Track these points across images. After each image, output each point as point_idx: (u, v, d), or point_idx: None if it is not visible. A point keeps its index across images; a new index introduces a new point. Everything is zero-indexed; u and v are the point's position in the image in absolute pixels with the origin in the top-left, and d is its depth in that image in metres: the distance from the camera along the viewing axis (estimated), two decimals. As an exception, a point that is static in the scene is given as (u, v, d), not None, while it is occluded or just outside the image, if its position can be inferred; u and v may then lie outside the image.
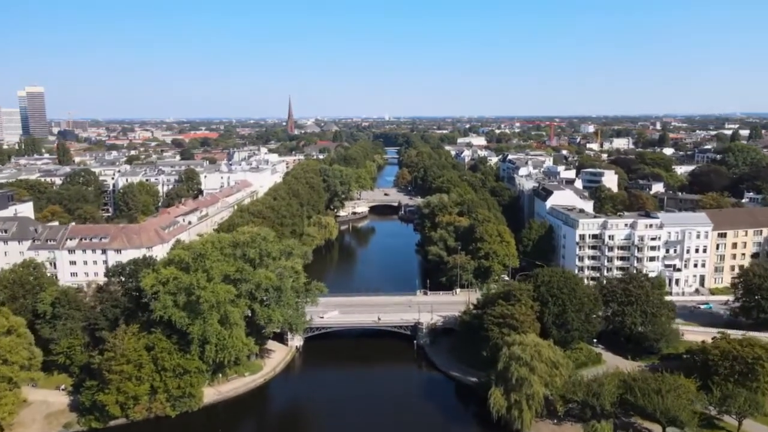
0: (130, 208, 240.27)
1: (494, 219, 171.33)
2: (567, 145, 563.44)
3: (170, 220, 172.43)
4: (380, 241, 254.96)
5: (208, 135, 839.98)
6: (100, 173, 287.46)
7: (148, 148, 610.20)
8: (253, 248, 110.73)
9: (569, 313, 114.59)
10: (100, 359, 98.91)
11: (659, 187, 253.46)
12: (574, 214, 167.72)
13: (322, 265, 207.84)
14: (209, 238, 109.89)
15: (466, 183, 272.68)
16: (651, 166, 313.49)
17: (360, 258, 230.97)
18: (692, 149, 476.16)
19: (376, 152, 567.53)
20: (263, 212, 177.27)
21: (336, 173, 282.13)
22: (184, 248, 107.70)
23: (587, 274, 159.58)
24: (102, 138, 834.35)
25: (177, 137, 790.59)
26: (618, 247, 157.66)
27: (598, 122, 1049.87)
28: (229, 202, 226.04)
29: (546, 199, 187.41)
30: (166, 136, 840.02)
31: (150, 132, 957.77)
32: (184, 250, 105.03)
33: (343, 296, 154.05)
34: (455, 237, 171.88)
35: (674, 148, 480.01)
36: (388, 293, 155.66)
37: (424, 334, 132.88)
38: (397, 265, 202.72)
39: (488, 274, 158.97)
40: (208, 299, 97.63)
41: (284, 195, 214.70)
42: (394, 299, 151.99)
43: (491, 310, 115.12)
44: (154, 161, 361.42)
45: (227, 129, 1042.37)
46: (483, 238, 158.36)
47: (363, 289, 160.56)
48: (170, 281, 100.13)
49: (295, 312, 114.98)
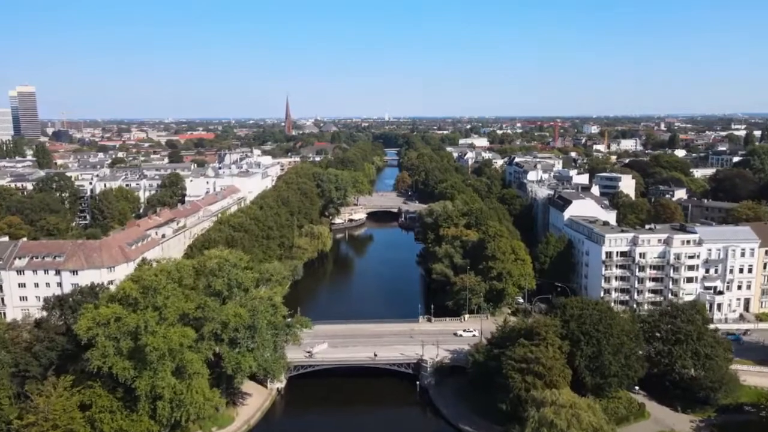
0: (105, 216, 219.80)
1: (506, 232, 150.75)
2: (572, 146, 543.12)
3: (139, 234, 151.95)
4: (378, 253, 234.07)
5: (204, 136, 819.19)
6: (77, 177, 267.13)
7: (140, 149, 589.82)
8: (220, 278, 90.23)
9: (606, 355, 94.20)
10: (18, 424, 78.31)
11: (681, 194, 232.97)
12: (599, 227, 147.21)
13: (313, 281, 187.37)
14: (164, 266, 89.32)
15: (471, 189, 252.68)
16: (668, 170, 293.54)
17: (356, 273, 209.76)
18: (705, 151, 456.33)
19: (375, 154, 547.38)
20: (245, 225, 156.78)
21: (331, 178, 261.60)
22: (134, 278, 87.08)
23: (614, 297, 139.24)
24: (96, 139, 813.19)
25: (172, 138, 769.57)
26: (650, 266, 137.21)
27: (600, 123, 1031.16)
28: (213, 210, 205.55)
29: (564, 209, 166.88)
30: (162, 137, 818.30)
31: (145, 132, 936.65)
32: (132, 283, 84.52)
33: (335, 323, 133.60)
34: (462, 253, 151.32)
35: (685, 150, 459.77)
36: (387, 320, 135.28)
37: (428, 374, 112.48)
38: (397, 282, 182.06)
39: (501, 297, 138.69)
40: (157, 347, 77.11)
41: (272, 203, 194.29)
42: (393, 327, 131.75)
43: (511, 350, 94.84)
44: (138, 164, 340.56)
45: (225, 130, 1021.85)
46: (495, 256, 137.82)
47: (358, 315, 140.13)
48: (111, 323, 79.69)
49: (272, 354, 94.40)
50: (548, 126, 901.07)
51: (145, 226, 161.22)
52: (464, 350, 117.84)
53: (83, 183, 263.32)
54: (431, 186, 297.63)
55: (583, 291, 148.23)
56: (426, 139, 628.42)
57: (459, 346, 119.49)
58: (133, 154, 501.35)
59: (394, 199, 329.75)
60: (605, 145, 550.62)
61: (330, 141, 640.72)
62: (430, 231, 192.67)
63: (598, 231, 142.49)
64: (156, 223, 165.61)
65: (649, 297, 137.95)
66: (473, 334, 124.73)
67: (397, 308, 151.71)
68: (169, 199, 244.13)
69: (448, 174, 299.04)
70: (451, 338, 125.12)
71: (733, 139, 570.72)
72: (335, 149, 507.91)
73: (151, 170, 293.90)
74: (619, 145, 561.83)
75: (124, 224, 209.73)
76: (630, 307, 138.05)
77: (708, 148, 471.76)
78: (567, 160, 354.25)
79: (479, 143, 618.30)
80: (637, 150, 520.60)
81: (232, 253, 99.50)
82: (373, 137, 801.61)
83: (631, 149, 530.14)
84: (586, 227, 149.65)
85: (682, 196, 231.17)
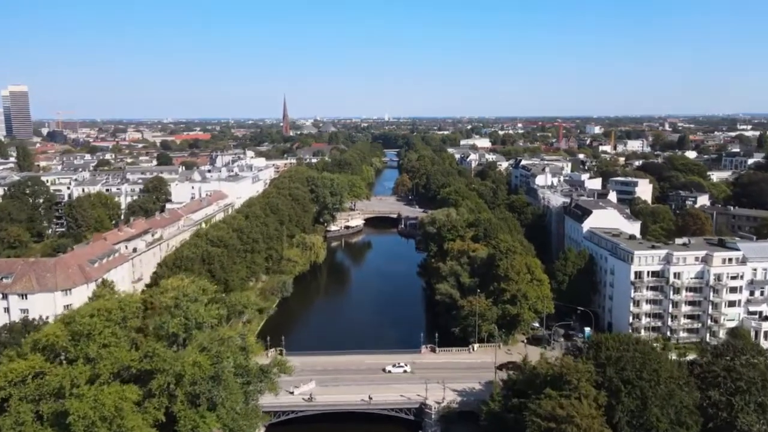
0: (79, 225, 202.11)
1: (520, 247, 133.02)
2: (577, 147, 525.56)
3: (105, 249, 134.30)
4: (376, 264, 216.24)
5: (201, 136, 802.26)
6: (54, 181, 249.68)
7: (132, 150, 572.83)
8: (176, 317, 72.75)
9: (652, 408, 76.70)
10: None
11: (704, 200, 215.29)
12: (625, 242, 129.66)
13: (303, 299, 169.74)
14: (101, 304, 71.85)
15: (476, 194, 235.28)
16: (684, 173, 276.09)
17: (351, 289, 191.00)
18: (716, 153, 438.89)
19: (374, 155, 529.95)
20: (225, 238, 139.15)
21: (326, 182, 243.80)
22: (65, 319, 69.46)
23: (644, 323, 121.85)
24: (90, 139, 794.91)
25: (167, 139, 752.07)
26: (687, 288, 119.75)
27: (601, 123, 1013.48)
28: (195, 219, 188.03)
29: (582, 220, 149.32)
30: (157, 138, 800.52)
31: (141, 133, 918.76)
32: (61, 326, 67.02)
33: (325, 354, 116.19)
34: (470, 271, 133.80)
35: (696, 152, 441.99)
36: (385, 350, 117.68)
37: (433, 421, 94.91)
38: (397, 301, 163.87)
39: (515, 323, 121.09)
40: (84, 414, 59.55)
41: (259, 212, 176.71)
42: (392, 359, 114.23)
43: (535, 403, 77.41)
44: (123, 167, 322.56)
45: (222, 130, 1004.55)
46: (508, 276, 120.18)
47: (352, 342, 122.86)
48: (30, 381, 62.29)
49: (243, 408, 76.78)
50: (550, 126, 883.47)
51: (114, 239, 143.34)
52: (475, 389, 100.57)
53: (61, 187, 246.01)
54: (433, 190, 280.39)
55: (607, 315, 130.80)
56: (426, 140, 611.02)
57: (469, 385, 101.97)
58: (124, 155, 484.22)
59: (393, 203, 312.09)
60: (611, 146, 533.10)
61: (328, 142, 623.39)
62: (432, 242, 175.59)
63: (625, 247, 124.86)
64: (127, 235, 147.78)
65: (684, 323, 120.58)
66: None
67: (397, 333, 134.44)
68: (152, 205, 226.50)
69: (451, 177, 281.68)
70: (459, 372, 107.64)
71: (744, 140, 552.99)
72: (332, 150, 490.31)
73: (136, 173, 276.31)
74: (626, 146, 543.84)
75: (100, 232, 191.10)
76: (662, 335, 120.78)
77: (719, 150, 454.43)
78: (575, 163, 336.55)
79: (481, 144, 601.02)
80: (646, 151, 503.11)
81: (195, 282, 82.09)
82: (372, 138, 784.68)
83: (638, 150, 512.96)
84: (611, 242, 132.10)
85: (704, 202, 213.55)
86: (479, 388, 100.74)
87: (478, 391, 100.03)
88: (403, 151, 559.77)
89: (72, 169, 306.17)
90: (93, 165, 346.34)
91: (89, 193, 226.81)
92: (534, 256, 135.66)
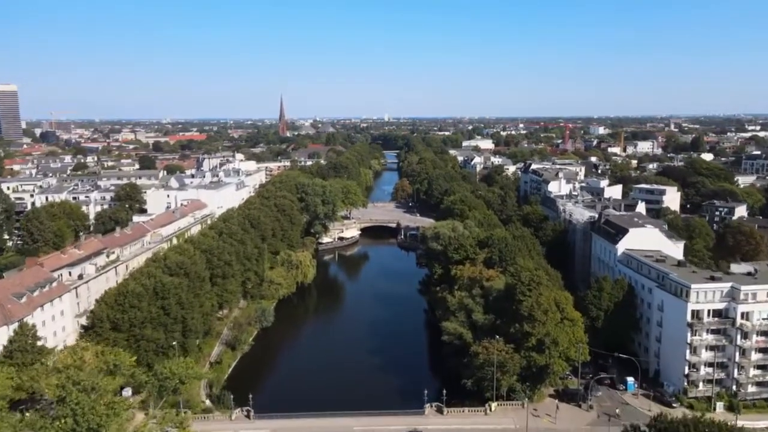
0: (35, 239, 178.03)
1: (545, 277, 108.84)
2: (584, 149, 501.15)
3: (40, 278, 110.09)
4: (373, 284, 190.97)
5: (196, 137, 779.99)
6: (17, 188, 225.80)
7: (122, 151, 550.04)
8: (63, 413, 48.75)
9: None
10: None
11: (742, 211, 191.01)
12: (676, 270, 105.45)
13: (285, 330, 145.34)
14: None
15: (483, 201, 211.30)
16: (710, 179, 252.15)
17: (342, 318, 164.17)
18: (733, 155, 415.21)
19: (373, 157, 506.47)
20: (186, 264, 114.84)
21: (317, 189, 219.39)
22: None
23: (703, 374, 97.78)
24: (81, 140, 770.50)
25: (159, 140, 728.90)
26: (759, 332, 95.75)
27: (605, 123, 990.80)
28: (165, 234, 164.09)
29: (617, 240, 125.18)
30: (150, 138, 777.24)
31: (134, 134, 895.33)
32: None
33: (303, 417, 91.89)
34: (484, 306, 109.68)
35: (712, 154, 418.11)
36: (379, 410, 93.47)
37: None
38: (395, 334, 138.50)
39: (543, 376, 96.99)
40: None
41: (236, 227, 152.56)
42: (387, 421, 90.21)
43: None
44: (97, 171, 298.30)
45: (219, 131, 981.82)
46: (533, 316, 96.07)
47: (338, 398, 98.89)
48: None
49: None
50: (554, 127, 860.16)
51: (54, 263, 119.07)
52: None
53: (23, 195, 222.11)
54: (435, 197, 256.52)
55: (653, 360, 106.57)
56: (427, 141, 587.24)
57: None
58: (111, 157, 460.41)
59: (392, 211, 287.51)
60: (620, 148, 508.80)
61: (325, 143, 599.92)
62: (436, 263, 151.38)
63: (678, 279, 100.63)
64: (71, 258, 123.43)
65: (755, 375, 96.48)
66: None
67: (394, 382, 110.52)
68: (124, 215, 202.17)
69: (455, 183, 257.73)
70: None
71: (759, 141, 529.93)
72: (329, 152, 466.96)
73: (111, 179, 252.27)
74: (636, 147, 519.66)
75: (60, 248, 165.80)
76: (726, 389, 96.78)
77: (737, 152, 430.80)
78: (587, 166, 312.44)
79: (484, 145, 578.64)
80: (657, 153, 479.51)
81: (103, 356, 57.80)
82: (371, 138, 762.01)
83: (649, 152, 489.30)
84: (656, 269, 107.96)
85: (742, 213, 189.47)
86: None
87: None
88: (402, 152, 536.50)
89: (43, 174, 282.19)
90: (71, 169, 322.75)
91: (52, 202, 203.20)
92: (561, 288, 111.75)
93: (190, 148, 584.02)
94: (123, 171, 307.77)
